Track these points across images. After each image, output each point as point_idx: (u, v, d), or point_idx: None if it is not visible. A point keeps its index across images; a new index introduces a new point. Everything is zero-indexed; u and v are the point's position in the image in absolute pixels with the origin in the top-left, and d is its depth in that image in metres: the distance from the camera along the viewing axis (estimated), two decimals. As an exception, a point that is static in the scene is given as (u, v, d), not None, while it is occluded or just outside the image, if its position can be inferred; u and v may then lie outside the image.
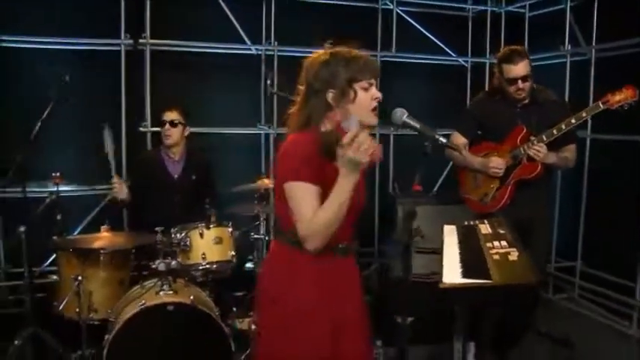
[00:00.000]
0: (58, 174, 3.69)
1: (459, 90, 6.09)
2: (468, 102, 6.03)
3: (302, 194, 2.11)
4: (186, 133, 4.26)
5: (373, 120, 2.25)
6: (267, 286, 2.32)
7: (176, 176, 4.25)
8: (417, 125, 2.29)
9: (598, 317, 4.91)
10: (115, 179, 3.92)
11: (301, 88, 2.28)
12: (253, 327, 3.49)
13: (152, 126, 4.94)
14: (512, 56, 3.59)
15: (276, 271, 2.31)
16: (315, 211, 2.08)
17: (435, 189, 5.83)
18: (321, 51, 2.29)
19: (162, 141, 4.22)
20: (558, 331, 4.40)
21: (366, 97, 2.21)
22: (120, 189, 3.94)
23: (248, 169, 5.16)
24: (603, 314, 4.90)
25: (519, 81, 3.58)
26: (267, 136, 5.38)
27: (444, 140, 2.34)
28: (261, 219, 3.87)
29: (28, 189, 3.79)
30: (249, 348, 3.57)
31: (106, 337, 3.22)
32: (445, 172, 5.87)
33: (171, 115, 4.17)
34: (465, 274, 2.29)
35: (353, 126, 1.99)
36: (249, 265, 4.20)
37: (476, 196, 3.93)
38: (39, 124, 3.49)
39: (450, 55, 6.02)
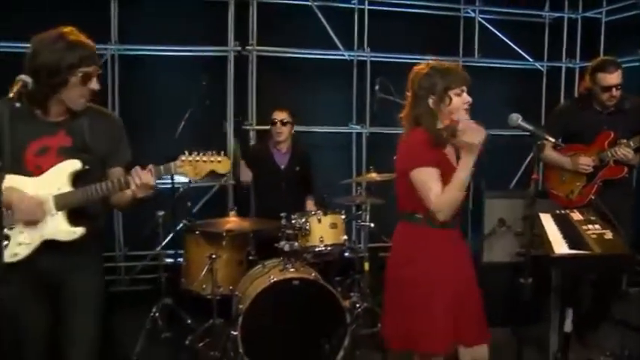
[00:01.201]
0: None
1: (535, 93, 6.40)
2: (543, 104, 6.36)
3: (428, 176, 2.61)
4: (292, 131, 4.77)
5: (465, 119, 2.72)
6: (399, 256, 2.81)
7: (283, 167, 4.78)
8: (530, 127, 2.71)
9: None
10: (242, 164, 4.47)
11: (408, 94, 2.79)
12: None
13: (256, 125, 5.46)
14: (608, 65, 3.91)
15: (407, 243, 2.78)
16: (441, 187, 2.58)
17: (512, 185, 6.15)
18: (422, 64, 2.79)
19: (273, 137, 4.73)
20: (633, 319, 4.69)
21: (459, 101, 2.70)
22: (245, 173, 4.46)
23: (339, 165, 5.64)
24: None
25: (613, 89, 3.92)
26: (358, 135, 5.84)
27: (552, 140, 2.76)
28: (367, 208, 4.33)
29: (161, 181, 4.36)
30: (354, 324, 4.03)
31: (240, 307, 3.72)
32: (522, 169, 6.21)
33: (282, 115, 4.69)
34: (570, 247, 2.90)
35: (464, 117, 2.64)
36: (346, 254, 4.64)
37: (562, 191, 4.27)
38: (182, 123, 4.01)
39: (527, 60, 6.35)
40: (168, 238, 4.67)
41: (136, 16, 5.29)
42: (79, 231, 2.44)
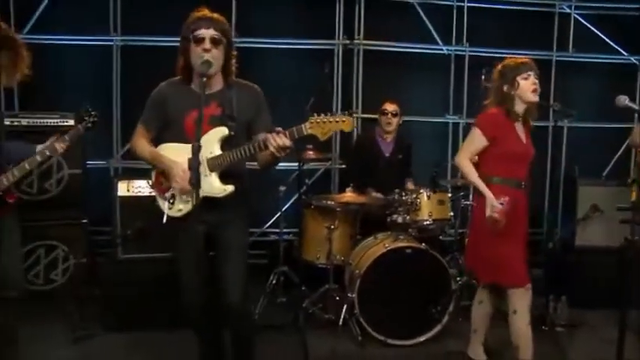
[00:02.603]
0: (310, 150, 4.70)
1: (630, 87, 6.51)
2: (637, 98, 6.49)
3: (474, 138, 3.43)
4: (400, 122, 5.15)
5: (534, 98, 3.40)
6: (477, 207, 3.49)
7: (387, 155, 5.18)
8: (637, 107, 3.05)
9: None
10: None
11: (490, 87, 3.54)
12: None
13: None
14: None
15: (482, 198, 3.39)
16: (470, 153, 3.45)
17: (605, 172, 6.30)
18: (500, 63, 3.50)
19: (382, 126, 5.12)
20: None
21: (527, 83, 3.38)
22: None
23: (436, 153, 6.01)
24: None
25: None
26: (455, 125, 6.18)
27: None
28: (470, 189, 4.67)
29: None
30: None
31: (357, 271, 4.17)
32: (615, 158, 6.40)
33: (393, 107, 5.11)
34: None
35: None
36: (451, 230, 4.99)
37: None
38: (309, 109, 4.43)
39: (622, 54, 6.48)
40: (279, 214, 5.13)
41: (252, 11, 5.83)
42: (229, 188, 2.89)
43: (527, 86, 3.38)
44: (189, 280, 3.01)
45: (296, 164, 4.86)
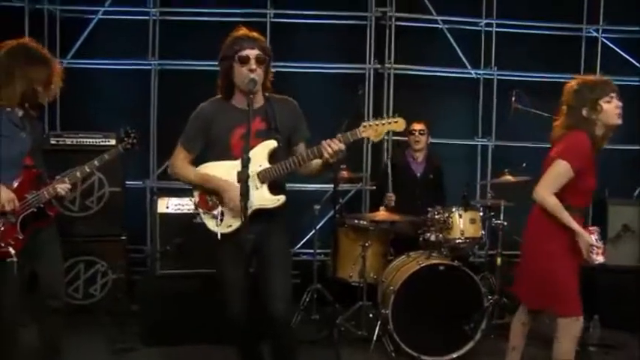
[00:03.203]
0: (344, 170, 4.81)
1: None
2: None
3: (562, 174, 3.10)
4: (429, 142, 5.26)
5: (618, 121, 3.18)
6: (539, 232, 3.28)
7: (419, 175, 5.27)
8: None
9: None
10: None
11: (563, 108, 3.27)
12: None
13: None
14: None
15: (546, 221, 3.21)
16: (556, 188, 3.09)
17: (636, 193, 6.30)
18: (572, 81, 3.29)
19: (411, 146, 5.24)
20: None
21: (611, 107, 3.14)
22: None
23: (465, 175, 6.08)
24: None
25: None
26: (484, 147, 6.27)
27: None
28: (501, 208, 4.74)
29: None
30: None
31: (391, 288, 4.23)
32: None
33: (420, 126, 5.23)
34: None
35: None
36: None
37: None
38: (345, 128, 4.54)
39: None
40: (313, 231, 5.23)
41: (286, 36, 6.02)
42: (281, 198, 2.99)
43: (612, 110, 3.13)
44: (234, 292, 3.06)
45: (329, 186, 4.98)
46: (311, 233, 5.22)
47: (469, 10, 6.26)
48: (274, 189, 3.00)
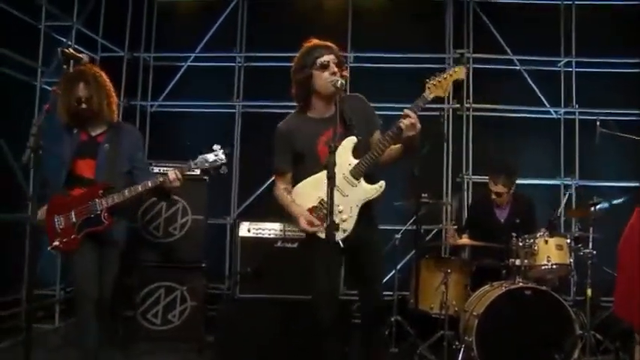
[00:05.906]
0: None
1: None
2: None
3: None
4: (511, 191, 4.91)
5: None
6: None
7: (502, 220, 4.98)
8: None
9: None
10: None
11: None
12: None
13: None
14: None
15: None
16: None
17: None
18: None
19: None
20: None
21: None
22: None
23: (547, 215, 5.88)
24: None
25: None
26: (566, 186, 6.10)
27: None
28: (590, 239, 4.48)
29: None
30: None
31: (474, 313, 4.07)
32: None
33: (498, 189, 4.83)
34: None
35: None
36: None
37: None
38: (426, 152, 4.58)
39: None
40: (393, 272, 5.12)
41: (366, 81, 6.13)
42: (382, 184, 3.05)
43: None
44: (324, 297, 3.14)
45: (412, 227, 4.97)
46: (391, 273, 5.10)
47: (546, 48, 6.22)
48: (370, 179, 3.07)
